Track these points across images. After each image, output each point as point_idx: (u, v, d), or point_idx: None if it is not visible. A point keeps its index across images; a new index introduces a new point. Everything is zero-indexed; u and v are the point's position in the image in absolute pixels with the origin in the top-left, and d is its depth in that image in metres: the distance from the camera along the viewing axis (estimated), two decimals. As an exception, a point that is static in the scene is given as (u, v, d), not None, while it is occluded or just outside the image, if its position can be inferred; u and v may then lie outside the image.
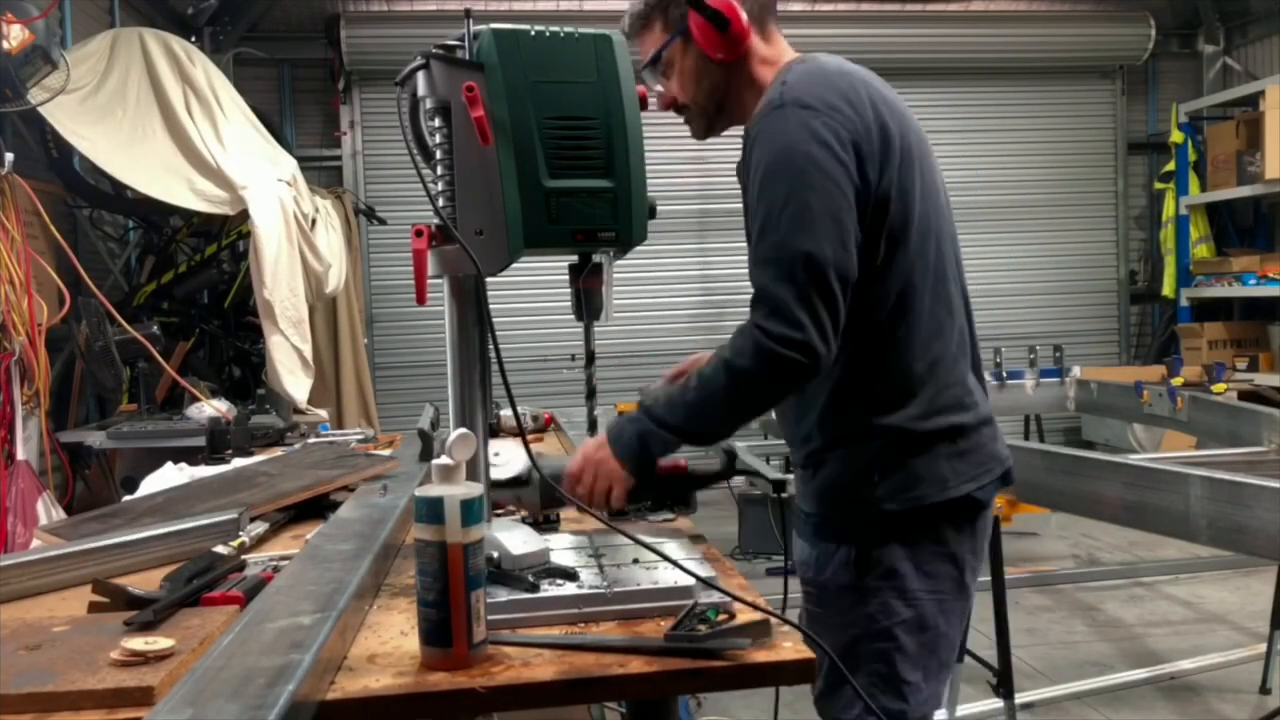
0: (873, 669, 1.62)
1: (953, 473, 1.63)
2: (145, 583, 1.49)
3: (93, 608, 1.41)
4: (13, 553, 2.86)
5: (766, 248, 1.52)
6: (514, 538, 1.46)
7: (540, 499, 1.70)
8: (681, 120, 1.81)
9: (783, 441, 2.65)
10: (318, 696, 1.11)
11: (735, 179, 1.83)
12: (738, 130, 1.76)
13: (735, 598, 1.35)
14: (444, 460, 1.25)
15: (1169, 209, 7.48)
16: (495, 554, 1.42)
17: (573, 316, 1.60)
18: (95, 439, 3.77)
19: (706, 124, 1.77)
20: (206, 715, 0.95)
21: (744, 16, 1.64)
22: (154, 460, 2.82)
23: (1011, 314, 7.63)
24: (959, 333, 1.68)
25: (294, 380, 4.14)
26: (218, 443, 2.82)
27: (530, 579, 1.38)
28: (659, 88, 1.74)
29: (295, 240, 4.22)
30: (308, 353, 4.23)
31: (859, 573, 1.62)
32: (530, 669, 1.21)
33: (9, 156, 3.40)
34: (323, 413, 4.30)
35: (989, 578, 3.06)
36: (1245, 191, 6.78)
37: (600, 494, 1.59)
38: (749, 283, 1.57)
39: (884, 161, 1.57)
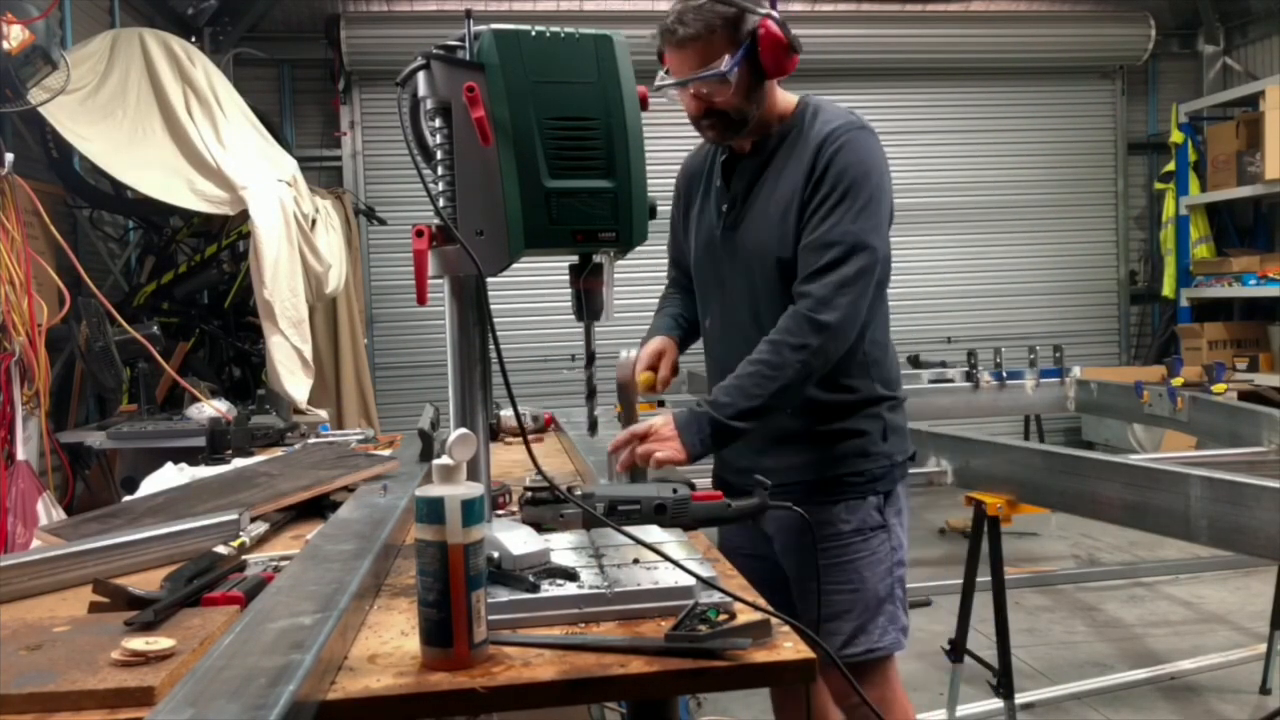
0: (897, 595, 2.01)
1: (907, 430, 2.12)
2: (146, 583, 1.49)
3: (93, 608, 1.41)
4: (13, 553, 2.86)
5: (840, 232, 1.86)
6: (514, 538, 1.46)
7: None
8: (689, 123, 2.03)
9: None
10: (318, 696, 1.11)
11: (737, 176, 1.94)
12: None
13: (736, 598, 1.35)
14: (444, 460, 1.25)
15: (1169, 209, 7.48)
16: (496, 554, 1.42)
17: (573, 317, 1.60)
18: (95, 439, 3.77)
19: (732, 132, 2.01)
20: (207, 715, 0.95)
21: None
22: (154, 460, 2.82)
23: (1011, 314, 7.63)
24: None
25: (294, 380, 4.14)
26: (218, 443, 2.82)
27: (531, 579, 1.38)
28: (695, 92, 1.95)
29: (295, 240, 4.22)
30: (308, 353, 4.23)
31: (884, 514, 2.01)
32: (531, 669, 1.21)
33: (9, 156, 3.40)
34: (323, 413, 4.30)
35: (989, 578, 3.07)
36: (1245, 191, 6.78)
37: (645, 454, 1.81)
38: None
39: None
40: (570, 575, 1.41)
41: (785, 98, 2.04)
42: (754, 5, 1.88)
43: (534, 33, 1.46)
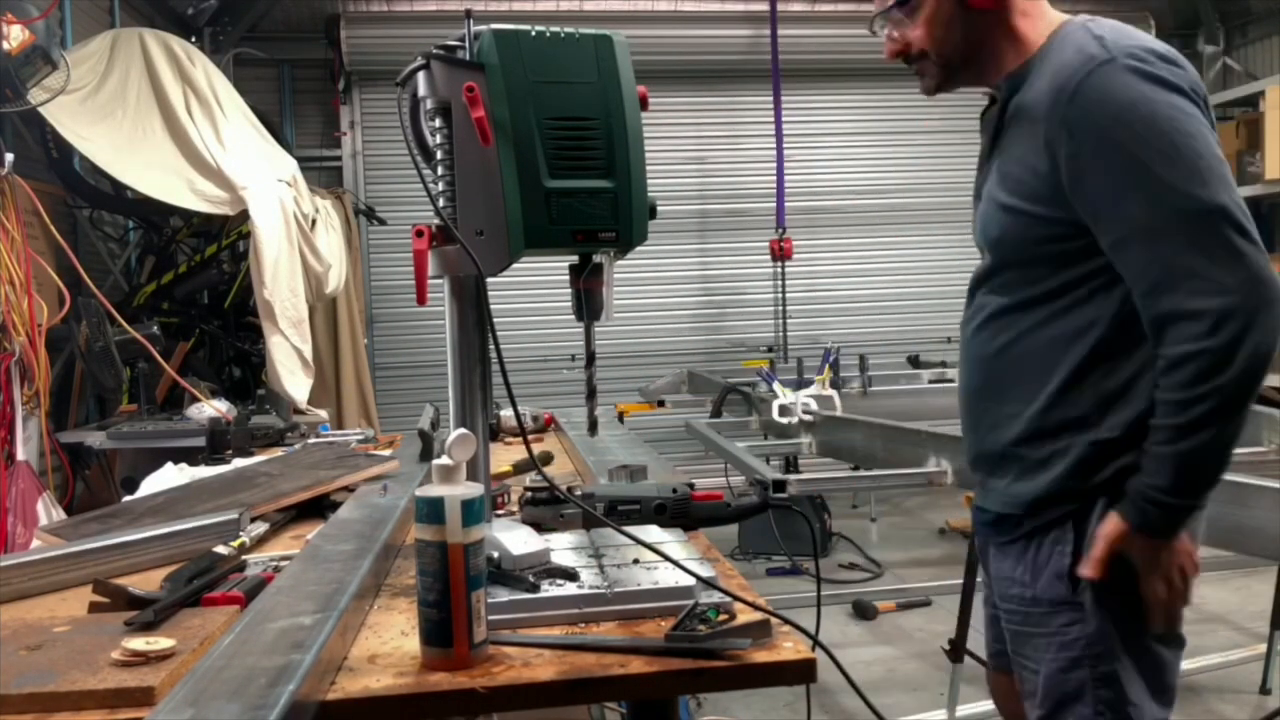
0: (1097, 696, 1.51)
1: None
2: (146, 583, 1.49)
3: (93, 608, 1.41)
4: (13, 553, 2.86)
5: (1157, 216, 1.36)
6: (514, 538, 1.46)
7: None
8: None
9: (786, 441, 2.65)
10: (318, 697, 1.11)
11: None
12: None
13: (736, 598, 1.36)
14: (444, 460, 1.25)
15: (1169, 209, 7.48)
16: (496, 554, 1.42)
17: (573, 317, 1.60)
18: (95, 439, 3.77)
19: (945, 76, 1.63)
20: (207, 715, 0.95)
21: None
22: (154, 460, 2.82)
23: (1011, 314, 7.62)
24: None
25: (294, 380, 4.14)
26: (218, 443, 2.82)
27: (531, 579, 1.38)
28: (890, 33, 1.64)
29: (295, 241, 4.22)
30: (308, 353, 4.23)
31: (1076, 586, 1.51)
32: (531, 669, 1.21)
33: (9, 157, 3.40)
34: (323, 413, 4.30)
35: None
36: (1245, 191, 6.75)
37: (1183, 581, 1.51)
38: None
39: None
40: (570, 575, 1.42)
41: (1039, 28, 1.55)
42: None
43: (534, 33, 1.46)
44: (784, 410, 4.39)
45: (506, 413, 2.81)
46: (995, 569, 1.64)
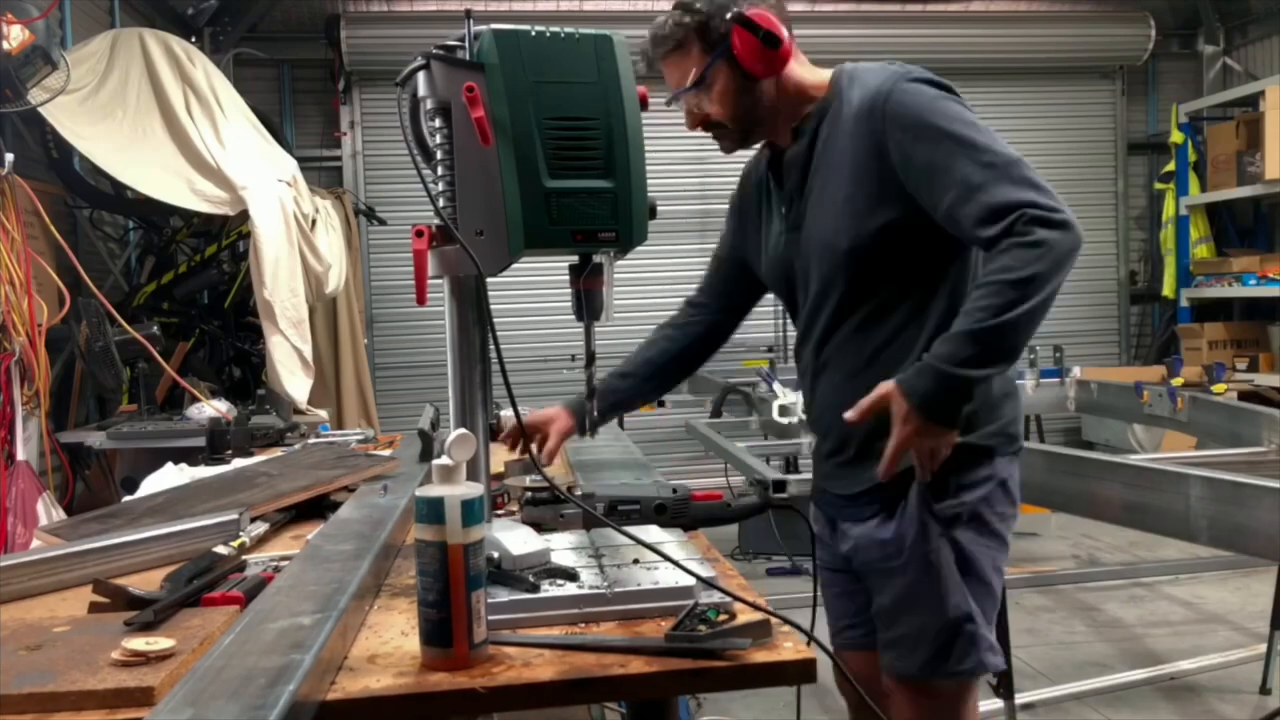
0: (977, 592, 1.75)
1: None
2: (146, 583, 1.49)
3: (93, 608, 1.41)
4: (13, 553, 2.87)
5: (984, 170, 1.61)
6: (514, 538, 1.46)
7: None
8: (685, 124, 1.88)
9: (786, 441, 2.65)
10: (318, 697, 1.11)
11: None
12: None
13: (736, 598, 1.36)
14: (444, 460, 1.25)
15: (1169, 209, 7.48)
16: (496, 554, 1.42)
17: (573, 317, 1.61)
18: (95, 439, 3.77)
19: (743, 138, 1.86)
20: (207, 715, 0.95)
21: (784, 31, 1.74)
22: (154, 460, 2.82)
23: (1011, 314, 7.62)
24: None
25: (294, 381, 4.14)
26: (218, 443, 2.82)
27: (531, 579, 1.38)
28: (689, 108, 1.82)
29: (295, 241, 4.22)
30: (308, 353, 4.23)
31: (944, 523, 1.73)
32: (531, 669, 1.21)
33: (9, 157, 3.40)
34: (323, 413, 4.30)
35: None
36: (1245, 192, 6.78)
37: (929, 456, 1.65)
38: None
39: None
40: (570, 575, 1.42)
41: (815, 76, 1.81)
42: (721, 7, 1.72)
43: (534, 33, 1.46)
44: (784, 410, 4.39)
45: (506, 413, 2.80)
46: (856, 538, 1.82)
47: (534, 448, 1.78)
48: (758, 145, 1.92)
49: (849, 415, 1.65)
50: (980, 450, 1.76)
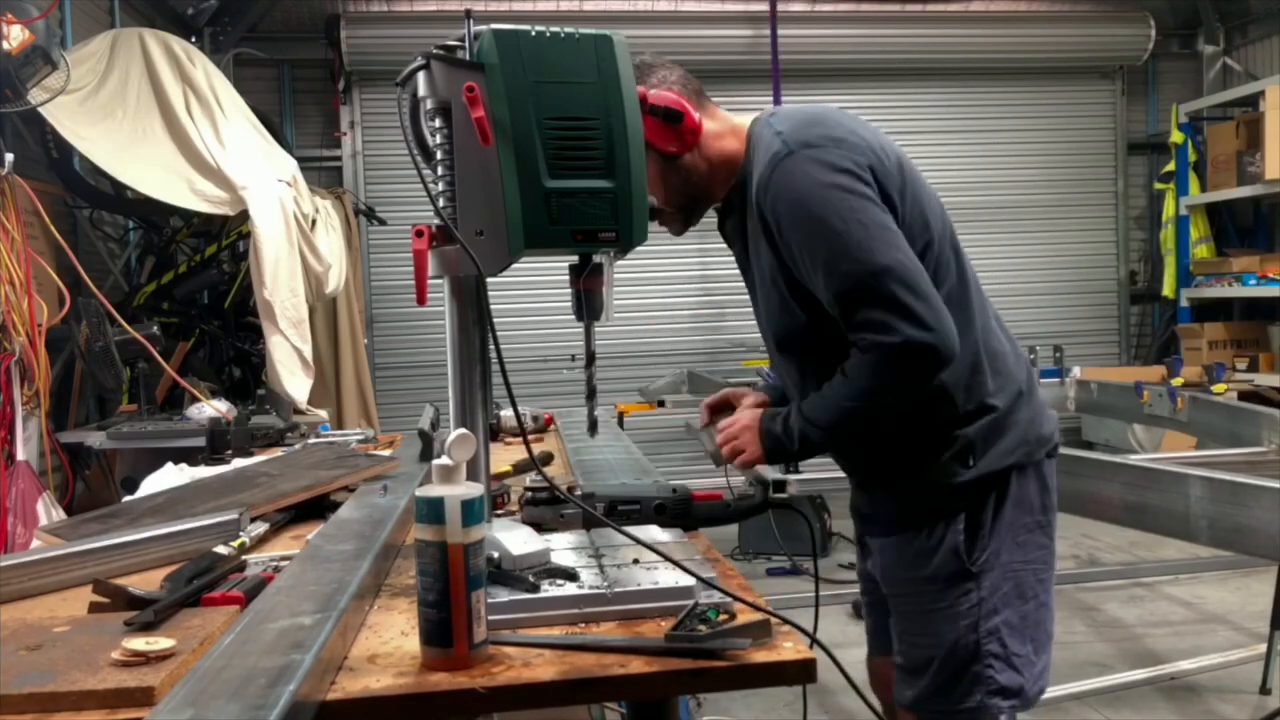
0: (988, 651, 1.71)
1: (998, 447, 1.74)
2: (146, 583, 1.49)
3: (93, 608, 1.41)
4: (13, 553, 2.87)
5: (842, 279, 1.59)
6: (514, 538, 1.46)
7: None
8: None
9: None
10: (318, 697, 1.11)
11: (732, 240, 1.86)
12: None
13: (736, 598, 1.36)
14: (444, 460, 1.25)
15: (1169, 209, 7.48)
16: (496, 554, 1.42)
17: (573, 317, 1.60)
18: (95, 439, 3.77)
19: (686, 217, 1.85)
20: (207, 715, 0.95)
21: (690, 105, 1.75)
22: (154, 460, 2.82)
23: (1011, 314, 7.58)
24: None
25: (294, 380, 4.14)
26: (218, 443, 2.82)
27: (531, 579, 1.38)
28: None
29: (295, 241, 4.22)
30: (308, 353, 4.23)
31: (967, 558, 1.70)
32: (531, 669, 1.21)
33: (9, 157, 3.40)
34: (323, 413, 4.30)
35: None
36: (1245, 192, 6.78)
37: (732, 451, 1.77)
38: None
39: (901, 181, 1.68)
40: (570, 575, 1.42)
41: (735, 140, 1.78)
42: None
43: (534, 33, 1.46)
44: (784, 410, 4.39)
45: (506, 413, 2.81)
46: (885, 560, 1.83)
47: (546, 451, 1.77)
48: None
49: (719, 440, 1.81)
50: (989, 478, 1.72)
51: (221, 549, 1.67)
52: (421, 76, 1.46)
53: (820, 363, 1.71)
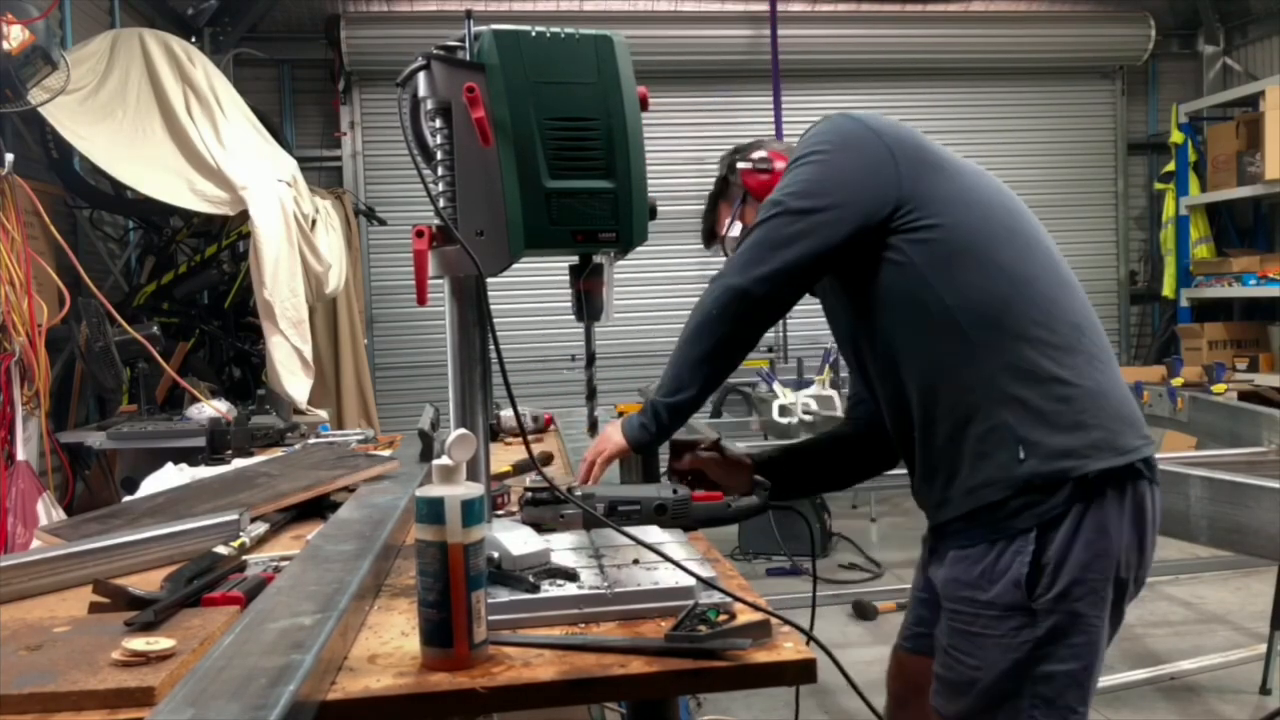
0: (1035, 693, 1.59)
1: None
2: (146, 583, 1.49)
3: (93, 608, 1.41)
4: (13, 553, 2.87)
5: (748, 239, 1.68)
6: (514, 538, 1.46)
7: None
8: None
9: (786, 442, 2.68)
10: (319, 697, 1.11)
11: None
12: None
13: (736, 598, 1.36)
14: (444, 460, 1.25)
15: (1169, 209, 7.48)
16: (496, 554, 1.42)
17: (573, 317, 1.60)
18: (95, 439, 3.77)
19: None
20: (208, 715, 0.95)
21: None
22: (154, 461, 2.82)
23: (1011, 314, 7.62)
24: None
25: (294, 381, 4.14)
26: (218, 443, 2.82)
27: (531, 579, 1.38)
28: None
29: (295, 241, 4.22)
30: (308, 353, 4.23)
31: (1029, 591, 1.56)
32: (531, 669, 1.21)
33: (9, 157, 3.40)
34: (323, 413, 4.30)
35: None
36: (1245, 192, 6.78)
37: (590, 459, 1.80)
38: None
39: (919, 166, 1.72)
40: (570, 575, 1.42)
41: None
42: (730, 169, 1.98)
43: (534, 33, 1.46)
44: (784, 410, 4.40)
45: (506, 413, 2.81)
46: (942, 571, 1.71)
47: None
48: None
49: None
50: (1059, 478, 1.56)
51: (221, 549, 1.67)
52: (422, 77, 1.46)
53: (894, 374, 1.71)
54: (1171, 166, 7.45)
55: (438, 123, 1.46)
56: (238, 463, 2.61)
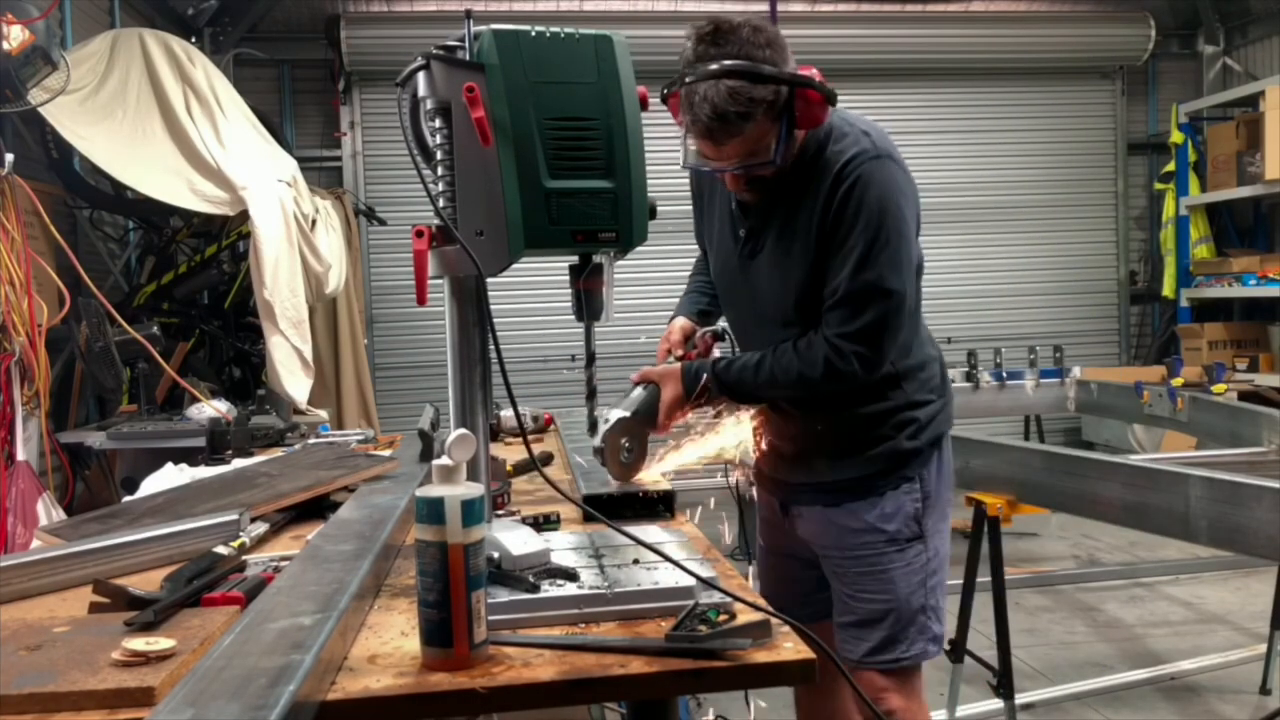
0: (931, 605, 1.98)
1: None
2: (146, 583, 1.49)
3: (93, 608, 1.41)
4: (13, 553, 2.86)
5: (861, 283, 1.80)
6: (514, 538, 1.46)
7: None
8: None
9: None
10: (318, 697, 1.11)
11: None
12: None
13: (736, 598, 1.36)
14: (444, 461, 1.25)
15: (1169, 209, 7.48)
16: (496, 554, 1.42)
17: (573, 317, 1.60)
18: (95, 439, 3.77)
19: (769, 184, 1.90)
20: (208, 715, 0.95)
21: None
22: (154, 461, 2.82)
23: (1011, 314, 7.63)
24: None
25: (294, 381, 4.14)
26: (218, 443, 2.82)
27: (531, 579, 1.38)
28: (738, 174, 1.85)
29: (295, 241, 4.22)
30: (308, 353, 4.23)
31: (922, 524, 1.96)
32: (531, 669, 1.21)
33: (9, 157, 3.40)
34: (323, 413, 4.30)
35: (989, 578, 3.07)
36: (1245, 192, 6.78)
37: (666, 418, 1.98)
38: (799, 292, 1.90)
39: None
40: (570, 575, 1.42)
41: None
42: (793, 74, 1.74)
43: (534, 33, 1.46)
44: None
45: (506, 413, 2.81)
46: (838, 525, 1.99)
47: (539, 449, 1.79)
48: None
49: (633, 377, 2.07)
50: (933, 444, 2.01)
51: (221, 549, 1.67)
52: (421, 77, 1.46)
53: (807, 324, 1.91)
54: (1171, 166, 7.45)
55: (437, 123, 1.46)
56: (238, 463, 2.61)
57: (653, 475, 2.01)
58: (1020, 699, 3.33)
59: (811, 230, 1.84)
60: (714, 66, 1.71)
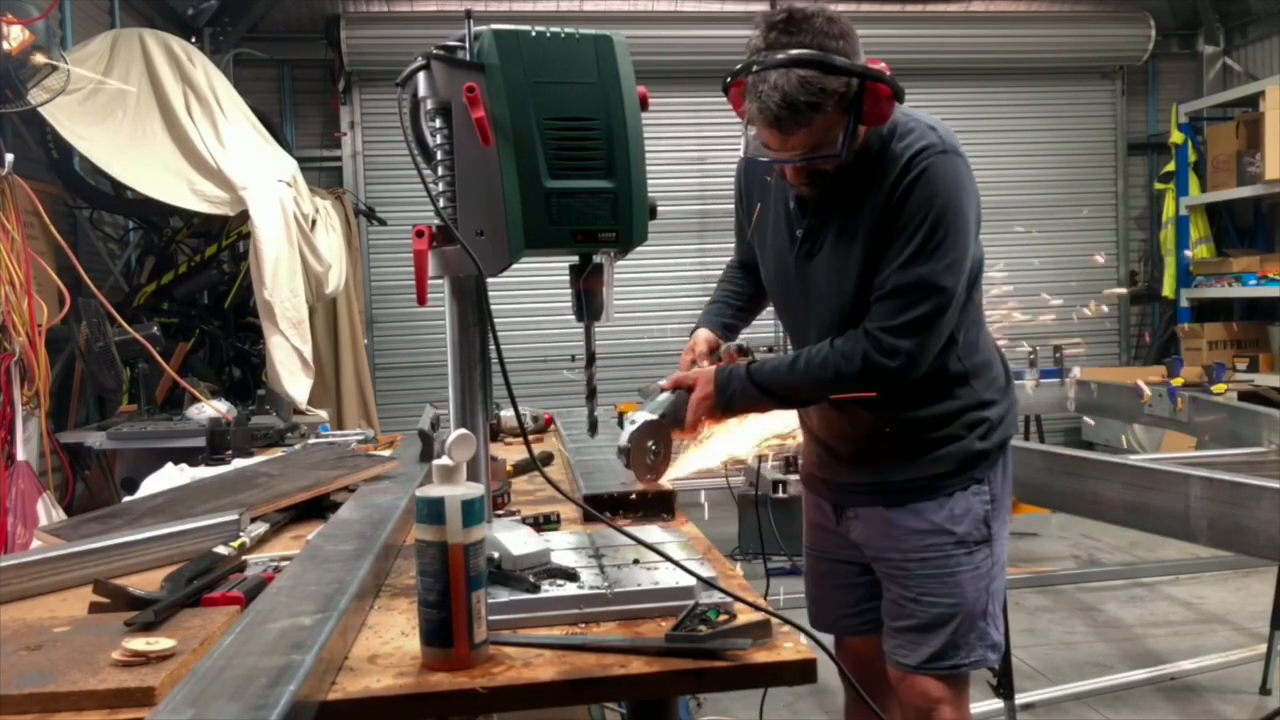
0: (993, 611, 1.94)
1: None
2: (146, 583, 1.49)
3: (93, 608, 1.41)
4: (13, 553, 2.87)
5: (914, 276, 1.74)
6: (515, 538, 1.46)
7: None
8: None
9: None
10: (319, 697, 1.11)
11: (812, 204, 1.89)
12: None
13: (736, 598, 1.36)
14: (444, 461, 1.25)
15: (1169, 209, 7.48)
16: (496, 554, 1.42)
17: (573, 317, 1.60)
18: (95, 439, 3.77)
19: (831, 179, 1.83)
20: (208, 715, 0.95)
21: None
22: (154, 461, 2.82)
23: (1011, 314, 7.63)
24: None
25: (294, 381, 4.14)
26: (218, 443, 2.82)
27: (531, 579, 1.38)
28: (801, 167, 1.79)
29: (295, 241, 4.22)
30: (308, 353, 4.23)
31: (990, 527, 1.91)
32: (531, 669, 1.21)
33: (9, 157, 3.40)
34: (323, 413, 4.30)
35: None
36: (1245, 192, 6.78)
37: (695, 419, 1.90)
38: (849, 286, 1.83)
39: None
40: (570, 575, 1.42)
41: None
42: (864, 68, 1.70)
43: (534, 33, 1.46)
44: (784, 410, 4.38)
45: (506, 413, 2.81)
46: (902, 526, 1.93)
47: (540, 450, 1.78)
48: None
49: (663, 383, 1.96)
50: (1001, 447, 1.95)
51: (221, 549, 1.67)
52: (422, 77, 1.46)
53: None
54: (1171, 167, 7.45)
55: (438, 123, 1.46)
56: (238, 463, 2.61)
57: (682, 473, 2.01)
58: (1020, 699, 3.33)
59: (874, 227, 1.78)
60: (785, 55, 1.65)
